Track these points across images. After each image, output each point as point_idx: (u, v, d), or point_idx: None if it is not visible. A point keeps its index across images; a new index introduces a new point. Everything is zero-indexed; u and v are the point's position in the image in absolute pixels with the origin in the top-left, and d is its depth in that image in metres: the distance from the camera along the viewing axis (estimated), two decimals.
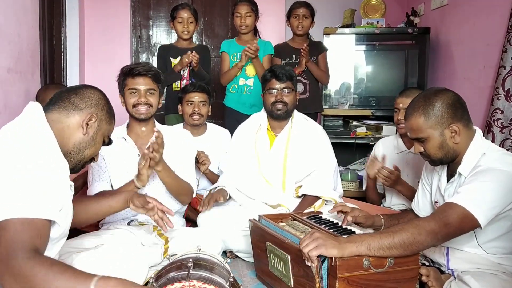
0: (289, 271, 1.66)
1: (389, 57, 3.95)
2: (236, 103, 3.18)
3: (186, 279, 1.33)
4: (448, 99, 1.68)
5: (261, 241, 1.88)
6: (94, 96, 1.49)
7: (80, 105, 1.44)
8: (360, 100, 3.86)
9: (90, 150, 1.48)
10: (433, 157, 1.72)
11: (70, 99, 1.44)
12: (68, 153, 1.42)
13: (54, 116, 1.41)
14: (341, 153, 2.75)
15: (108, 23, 4.34)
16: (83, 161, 1.48)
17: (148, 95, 2.12)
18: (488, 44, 2.95)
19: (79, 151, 1.44)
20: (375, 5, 3.85)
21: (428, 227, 1.50)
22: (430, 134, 1.67)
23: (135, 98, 2.11)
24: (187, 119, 2.81)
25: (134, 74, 2.11)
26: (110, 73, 4.17)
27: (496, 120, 2.68)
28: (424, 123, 1.67)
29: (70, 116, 1.42)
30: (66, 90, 1.49)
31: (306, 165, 2.44)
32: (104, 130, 1.52)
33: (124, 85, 2.15)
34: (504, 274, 1.63)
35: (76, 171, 1.48)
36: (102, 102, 1.51)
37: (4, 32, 2.46)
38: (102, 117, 1.50)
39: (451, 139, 1.67)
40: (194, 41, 3.39)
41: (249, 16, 3.12)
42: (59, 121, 1.40)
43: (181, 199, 2.24)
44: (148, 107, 2.12)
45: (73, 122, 1.42)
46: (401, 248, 1.49)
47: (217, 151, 2.77)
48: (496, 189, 1.54)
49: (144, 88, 2.12)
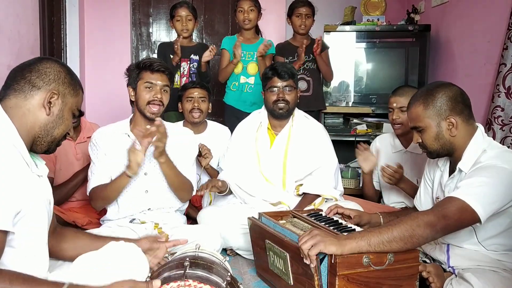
0: (289, 269, 1.67)
1: (389, 54, 3.94)
2: (237, 101, 3.18)
3: (181, 279, 1.32)
4: (449, 92, 1.70)
5: (260, 239, 1.88)
6: (52, 69, 1.32)
7: (38, 83, 1.29)
8: (361, 98, 3.85)
9: (60, 129, 1.35)
10: (429, 148, 1.75)
11: (25, 78, 1.29)
12: (37, 137, 1.31)
13: (11, 102, 1.28)
14: (342, 151, 2.75)
15: (108, 21, 4.33)
16: (56, 141, 1.37)
17: (163, 92, 2.14)
18: (488, 41, 2.94)
19: (48, 133, 1.32)
20: (376, 3, 3.84)
21: (426, 219, 1.50)
22: (427, 124, 1.71)
23: (150, 94, 2.11)
24: (187, 116, 2.81)
25: (153, 69, 2.12)
26: (110, 70, 4.22)
27: (496, 117, 2.68)
28: (423, 112, 1.71)
29: (29, 98, 1.28)
30: (20, 69, 1.32)
31: (306, 164, 2.43)
32: (71, 104, 1.37)
33: (139, 78, 2.14)
34: (504, 271, 1.63)
35: (51, 152, 1.39)
36: (61, 75, 1.34)
37: (4, 29, 2.46)
38: (65, 91, 1.34)
39: (447, 131, 1.69)
40: (194, 38, 3.39)
41: (252, 10, 3.11)
42: (17, 106, 1.27)
43: (181, 195, 2.24)
44: (160, 107, 2.14)
45: (33, 104, 1.28)
46: (401, 242, 1.48)
47: (217, 149, 2.77)
48: (496, 185, 1.54)
49: (161, 84, 2.13)
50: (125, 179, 2.03)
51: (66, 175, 2.51)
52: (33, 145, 1.33)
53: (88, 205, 2.49)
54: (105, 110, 4.13)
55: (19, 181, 1.19)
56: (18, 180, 1.19)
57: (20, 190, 1.19)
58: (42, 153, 1.37)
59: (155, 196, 2.19)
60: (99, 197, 2.11)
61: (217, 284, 1.36)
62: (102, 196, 2.10)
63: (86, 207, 2.54)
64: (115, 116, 2.71)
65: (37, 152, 1.36)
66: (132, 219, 2.17)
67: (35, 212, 1.27)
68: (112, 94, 4.13)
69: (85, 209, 2.54)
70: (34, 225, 1.27)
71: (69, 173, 2.51)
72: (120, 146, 2.13)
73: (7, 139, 1.22)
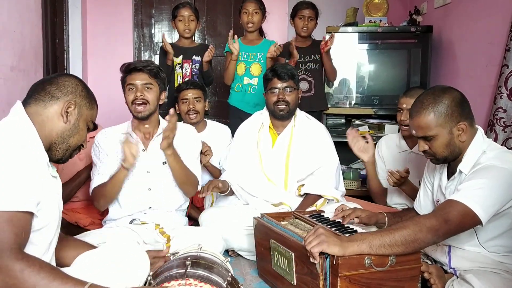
0: (293, 269, 1.67)
1: (391, 55, 3.94)
2: (240, 102, 3.18)
3: (183, 278, 1.33)
4: (456, 97, 1.67)
5: (265, 238, 1.89)
6: (69, 83, 1.45)
7: (56, 94, 1.41)
8: (363, 99, 3.84)
9: (75, 138, 1.46)
10: (438, 155, 1.70)
11: (45, 89, 1.41)
12: (54, 144, 1.41)
13: (32, 109, 1.39)
14: (343, 152, 2.74)
15: (111, 22, 4.35)
16: (70, 149, 1.46)
17: (145, 90, 2.13)
18: (491, 43, 2.94)
19: (64, 140, 1.43)
20: (378, 4, 3.84)
21: (428, 223, 1.50)
22: (439, 132, 1.66)
23: (133, 95, 2.13)
24: (184, 117, 2.81)
25: (131, 70, 2.14)
26: (112, 72, 4.19)
27: (498, 119, 2.68)
28: (434, 121, 1.65)
29: (48, 107, 1.40)
30: (41, 82, 1.46)
31: (308, 164, 2.44)
32: (86, 116, 1.48)
33: (125, 81, 2.18)
34: (506, 273, 1.63)
35: (64, 161, 1.48)
36: (78, 88, 1.47)
37: (8, 31, 2.47)
38: (82, 103, 1.46)
39: (457, 138, 1.67)
40: (196, 39, 3.39)
41: (257, 13, 3.11)
42: (37, 113, 1.39)
43: (187, 189, 2.24)
44: (145, 106, 2.12)
45: (51, 112, 1.40)
46: (403, 246, 1.49)
47: (217, 148, 2.77)
48: (496, 186, 1.54)
49: (141, 83, 2.12)
50: (122, 172, 2.05)
51: (69, 175, 2.52)
52: (49, 151, 1.41)
53: (91, 206, 2.50)
54: (107, 111, 4.11)
55: (40, 176, 1.30)
56: (40, 175, 1.30)
57: (41, 184, 1.29)
58: (55, 161, 1.46)
59: (157, 194, 2.20)
60: (100, 195, 2.12)
61: (218, 284, 1.36)
62: (102, 194, 2.11)
63: (88, 208, 2.54)
64: (117, 117, 2.73)
65: (51, 160, 1.44)
66: (133, 219, 2.18)
67: (49, 209, 1.34)
68: (114, 95, 4.11)
69: (87, 209, 2.54)
70: (46, 221, 1.33)
71: (72, 173, 2.52)
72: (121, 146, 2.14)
73: (30, 139, 1.33)
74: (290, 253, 1.67)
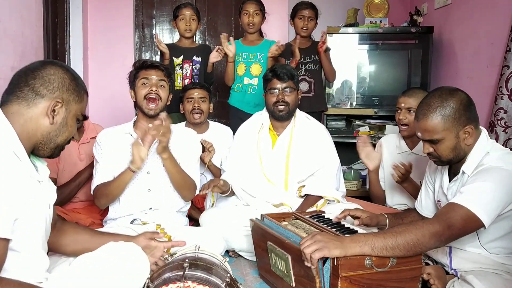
0: (290, 270, 1.67)
1: (392, 56, 3.94)
2: (240, 102, 3.18)
3: (181, 280, 1.32)
4: (464, 100, 1.65)
5: (262, 240, 1.88)
6: (56, 76, 1.29)
7: (41, 91, 1.26)
8: (363, 100, 3.85)
9: (63, 136, 1.33)
10: (443, 158, 1.69)
11: (29, 85, 1.25)
12: (39, 144, 1.29)
13: (13, 108, 1.24)
14: (344, 153, 2.74)
15: (112, 22, 4.35)
16: (59, 147, 1.35)
17: (159, 87, 2.16)
18: (491, 44, 2.94)
19: (50, 140, 1.30)
20: (378, 4, 3.85)
21: (432, 229, 1.50)
22: (446, 136, 1.64)
23: (146, 89, 2.14)
24: (188, 117, 2.82)
25: (147, 66, 2.17)
26: (113, 72, 4.24)
27: (499, 119, 2.68)
28: (441, 124, 1.63)
29: (32, 106, 1.25)
30: (23, 74, 1.28)
31: (308, 165, 2.43)
32: (75, 111, 1.35)
33: (136, 77, 2.19)
34: (507, 274, 1.63)
35: (55, 156, 1.37)
36: (66, 82, 1.31)
37: (9, 31, 2.47)
38: (69, 99, 1.31)
39: (464, 141, 1.65)
40: (196, 40, 3.39)
41: (257, 14, 3.12)
42: (19, 114, 1.24)
43: (184, 194, 2.25)
44: (157, 102, 2.14)
45: (36, 112, 1.25)
46: (404, 249, 1.49)
47: (219, 149, 2.78)
48: (499, 189, 1.54)
49: (156, 79, 2.16)
50: (128, 174, 2.05)
51: (69, 176, 2.52)
52: (35, 150, 1.31)
53: (91, 206, 2.50)
54: (108, 111, 4.14)
55: (16, 188, 1.17)
56: (16, 187, 1.16)
57: (18, 197, 1.17)
58: (45, 157, 1.36)
59: (157, 195, 2.20)
60: (103, 194, 2.12)
61: (216, 285, 1.36)
62: (105, 193, 2.11)
63: (89, 208, 2.54)
64: (118, 118, 2.73)
65: (40, 157, 1.35)
66: (133, 219, 2.18)
67: (32, 219, 1.25)
68: (115, 95, 4.15)
69: (88, 210, 2.54)
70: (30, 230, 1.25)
71: (72, 173, 2.52)
72: (123, 145, 2.16)
73: (7, 145, 1.19)
74: (286, 256, 1.67)
